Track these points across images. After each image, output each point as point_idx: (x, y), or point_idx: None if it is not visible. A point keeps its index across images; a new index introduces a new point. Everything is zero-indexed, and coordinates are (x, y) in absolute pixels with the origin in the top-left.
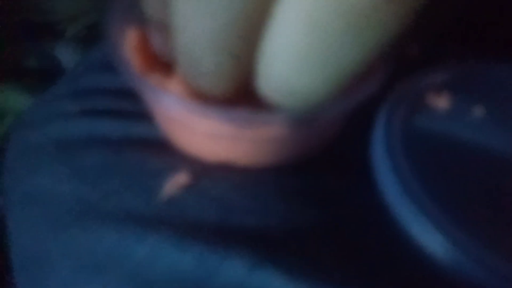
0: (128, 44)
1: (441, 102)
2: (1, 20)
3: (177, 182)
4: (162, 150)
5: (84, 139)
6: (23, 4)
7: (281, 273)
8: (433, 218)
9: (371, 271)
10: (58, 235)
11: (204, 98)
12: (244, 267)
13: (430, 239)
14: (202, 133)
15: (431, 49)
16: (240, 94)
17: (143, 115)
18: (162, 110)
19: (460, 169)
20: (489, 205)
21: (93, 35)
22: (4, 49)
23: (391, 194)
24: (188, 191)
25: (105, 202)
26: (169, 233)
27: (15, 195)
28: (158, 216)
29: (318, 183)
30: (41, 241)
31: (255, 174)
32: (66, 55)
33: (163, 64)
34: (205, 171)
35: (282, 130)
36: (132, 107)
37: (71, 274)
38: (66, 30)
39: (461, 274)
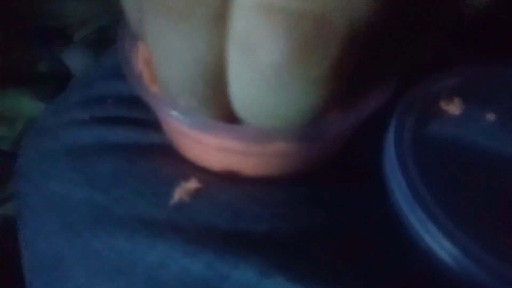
0: (139, 56)
1: (453, 108)
2: (12, 25)
3: (187, 188)
4: (173, 158)
5: (96, 147)
6: (33, 9)
7: (291, 280)
8: (443, 226)
9: (381, 278)
10: (72, 240)
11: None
12: (254, 274)
13: (440, 247)
14: (211, 147)
15: (442, 54)
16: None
17: (154, 123)
18: (171, 124)
19: (471, 176)
20: (499, 213)
21: (102, 40)
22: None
23: (401, 201)
24: (198, 198)
25: (117, 208)
26: (180, 239)
27: (29, 201)
28: (169, 222)
29: (327, 190)
30: (56, 247)
31: (265, 185)
32: (75, 60)
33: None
34: (214, 178)
35: (290, 145)
36: (144, 114)
37: (86, 280)
38: (75, 34)
39: (470, 281)
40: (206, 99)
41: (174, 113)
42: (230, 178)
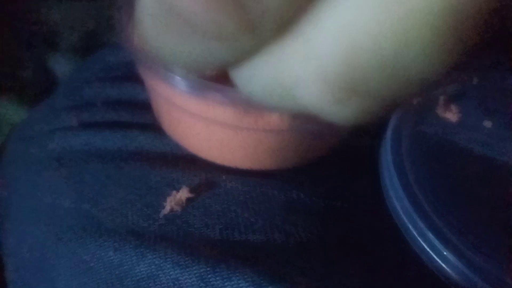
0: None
1: (450, 115)
2: None
3: (178, 199)
4: (163, 163)
5: (84, 153)
6: (19, 15)
7: None
8: (441, 232)
9: (378, 285)
10: (60, 250)
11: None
12: (247, 286)
13: (436, 251)
14: (200, 121)
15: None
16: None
17: (143, 126)
18: (164, 94)
19: (469, 183)
20: (497, 219)
21: (89, 46)
22: None
23: (398, 208)
24: (189, 207)
25: (106, 218)
26: (171, 250)
27: (14, 209)
28: (159, 233)
29: (323, 198)
30: (41, 257)
31: (259, 189)
32: (61, 65)
33: None
34: (206, 186)
35: (283, 120)
36: (132, 118)
37: None
38: (61, 40)
39: (467, 286)
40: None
41: (170, 76)
42: (223, 180)
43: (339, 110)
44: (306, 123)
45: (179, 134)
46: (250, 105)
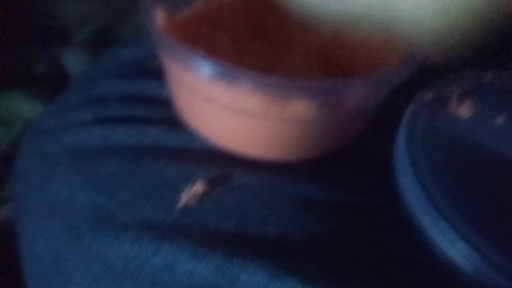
0: (157, 25)
1: (463, 110)
2: (10, 26)
3: (194, 192)
4: (178, 158)
5: (99, 148)
6: (32, 10)
7: (301, 282)
8: (454, 224)
9: (391, 279)
10: (75, 244)
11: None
12: (263, 276)
13: (451, 245)
14: (224, 109)
15: (454, 57)
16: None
17: (157, 120)
18: (188, 83)
19: (481, 176)
20: (510, 212)
21: (101, 42)
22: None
23: (412, 201)
24: (205, 201)
25: (121, 211)
26: (187, 242)
27: (28, 204)
28: (175, 226)
29: (336, 193)
30: (57, 251)
31: (272, 183)
32: (74, 61)
33: (189, 44)
34: (221, 180)
35: (309, 110)
36: (146, 113)
37: (89, 284)
38: (75, 35)
39: (482, 280)
40: None
41: (197, 59)
42: (238, 173)
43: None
44: (331, 112)
45: (201, 125)
46: (278, 94)
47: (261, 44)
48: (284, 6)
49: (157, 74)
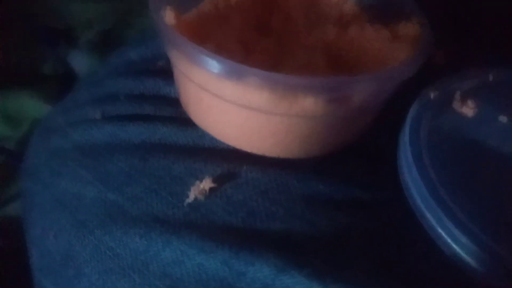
0: (169, 10)
1: (466, 109)
2: (17, 26)
3: (202, 188)
4: (186, 154)
5: (108, 145)
6: (39, 11)
7: (308, 276)
8: (458, 219)
9: (398, 274)
10: (85, 238)
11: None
12: (270, 270)
13: (455, 240)
14: (235, 106)
15: (457, 56)
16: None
17: (166, 118)
18: (197, 80)
19: (484, 173)
20: (511, 208)
21: (107, 43)
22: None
23: (417, 197)
24: (213, 196)
25: (131, 206)
26: (195, 236)
27: (38, 200)
28: (184, 221)
29: (342, 189)
30: (67, 245)
31: (279, 179)
32: (79, 61)
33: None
34: (228, 176)
35: (316, 106)
36: (154, 111)
37: (99, 277)
38: (81, 36)
39: (486, 274)
40: None
41: (207, 54)
42: (245, 170)
43: None
44: (338, 108)
45: (209, 122)
46: (285, 90)
47: (267, 42)
48: (289, 5)
49: (165, 73)
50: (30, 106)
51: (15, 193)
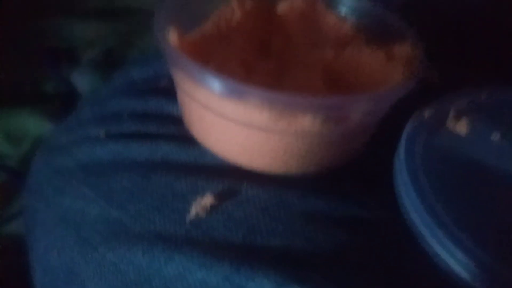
0: (172, 31)
1: (460, 127)
2: (20, 46)
3: (203, 205)
4: (188, 172)
5: (111, 163)
6: (42, 31)
7: None
8: (453, 235)
9: None
10: (88, 255)
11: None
12: (270, 286)
13: (451, 255)
14: (234, 123)
15: (450, 76)
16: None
17: (168, 137)
18: (199, 99)
19: (478, 189)
20: (505, 222)
21: (109, 62)
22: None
23: (413, 214)
24: (214, 213)
25: (133, 223)
26: (197, 252)
27: (41, 217)
28: (185, 237)
29: (341, 206)
30: (70, 262)
31: (278, 196)
32: (82, 80)
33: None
34: (229, 193)
35: (314, 124)
36: (157, 129)
37: None
38: (83, 56)
39: None
40: None
41: (210, 75)
42: (245, 187)
43: None
44: (335, 127)
45: (210, 140)
46: (285, 108)
47: (267, 62)
48: (289, 26)
49: (167, 92)
50: (32, 124)
51: (16, 211)
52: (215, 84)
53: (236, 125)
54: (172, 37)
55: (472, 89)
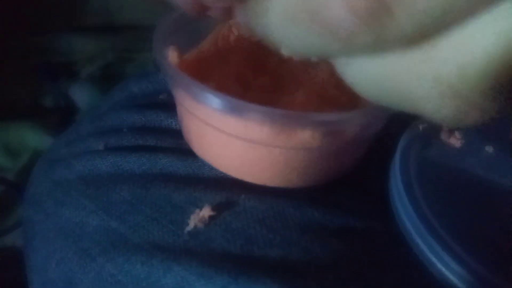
0: (171, 51)
1: (454, 140)
2: (19, 60)
3: (201, 216)
4: (186, 184)
5: (111, 175)
6: (40, 45)
7: None
8: (447, 245)
9: None
10: (88, 265)
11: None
12: None
13: (445, 265)
14: (234, 139)
15: None
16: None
17: (167, 149)
18: (200, 115)
19: (471, 201)
20: (497, 232)
21: (107, 77)
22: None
23: (407, 225)
24: (212, 224)
25: (132, 234)
26: (195, 263)
27: (40, 228)
28: (184, 248)
29: (337, 217)
30: (69, 272)
31: (276, 207)
32: (81, 95)
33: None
34: (227, 205)
35: (314, 138)
36: (156, 142)
37: None
38: (82, 70)
39: None
40: None
41: (209, 93)
42: (243, 199)
43: (448, 112)
44: (333, 141)
45: (210, 154)
46: (285, 124)
47: (263, 80)
48: None
49: (166, 106)
50: (31, 137)
51: (14, 223)
52: (216, 102)
53: (237, 140)
54: (172, 56)
55: None
